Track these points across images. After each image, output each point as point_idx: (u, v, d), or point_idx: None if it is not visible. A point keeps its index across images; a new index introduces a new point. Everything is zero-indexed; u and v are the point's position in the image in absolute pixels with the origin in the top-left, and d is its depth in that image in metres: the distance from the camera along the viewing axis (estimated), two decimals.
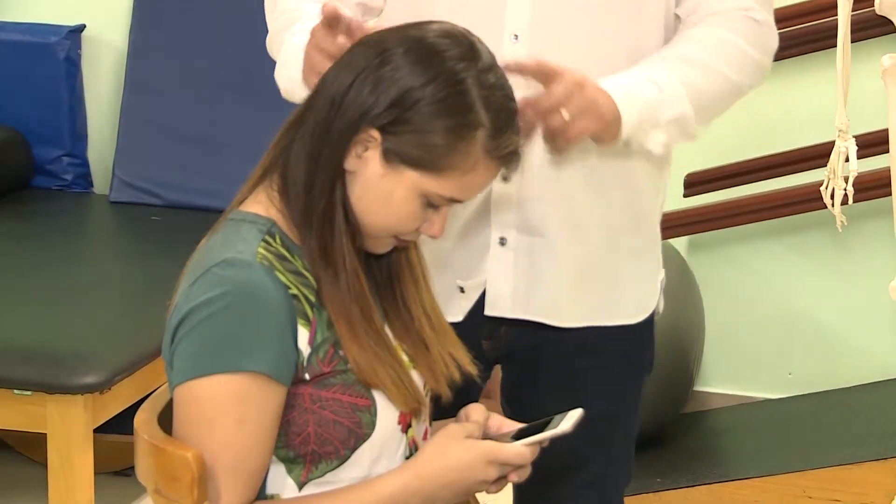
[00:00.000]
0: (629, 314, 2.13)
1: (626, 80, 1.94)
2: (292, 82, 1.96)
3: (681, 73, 1.98)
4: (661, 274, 2.19)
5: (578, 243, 2.05)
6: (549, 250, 2.04)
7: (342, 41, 1.83)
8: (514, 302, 2.06)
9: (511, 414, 1.98)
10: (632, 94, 1.92)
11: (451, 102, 1.72)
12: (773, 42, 2.09)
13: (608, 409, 2.04)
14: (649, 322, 2.16)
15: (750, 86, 2.08)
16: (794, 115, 3.82)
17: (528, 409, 1.99)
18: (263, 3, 2.12)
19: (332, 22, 1.82)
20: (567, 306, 2.07)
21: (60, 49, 4.12)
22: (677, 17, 2.06)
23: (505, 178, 1.98)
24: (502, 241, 2.04)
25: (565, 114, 1.85)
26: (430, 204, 1.77)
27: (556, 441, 1.79)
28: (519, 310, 2.06)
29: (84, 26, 4.19)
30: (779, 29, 3.49)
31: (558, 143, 1.89)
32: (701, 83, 2.00)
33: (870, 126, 3.16)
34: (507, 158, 1.77)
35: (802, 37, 3.45)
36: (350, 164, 1.76)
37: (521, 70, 1.85)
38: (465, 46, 1.75)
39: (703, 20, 2.02)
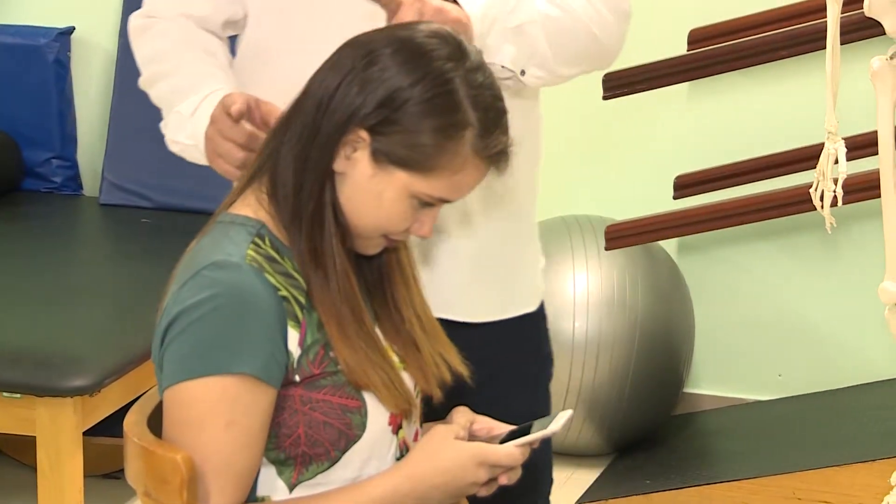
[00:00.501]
0: (526, 302, 2.17)
1: None
2: (187, 149, 2.02)
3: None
4: (543, 261, 2.24)
5: (469, 237, 2.06)
6: (446, 246, 2.06)
7: (250, 129, 1.87)
8: None
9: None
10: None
11: (439, 102, 1.72)
12: (626, 7, 2.10)
13: (525, 409, 2.03)
14: (542, 314, 2.21)
15: (606, 42, 2.07)
16: (783, 117, 3.82)
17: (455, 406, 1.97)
18: None
19: (239, 117, 1.87)
20: (469, 301, 2.09)
21: (50, 51, 4.11)
22: None
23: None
24: None
25: None
26: (420, 204, 1.77)
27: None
28: None
29: (73, 28, 4.19)
30: (768, 31, 3.52)
31: None
32: (556, 15, 1.99)
33: (859, 128, 3.16)
34: (495, 158, 1.77)
35: (792, 39, 3.45)
36: (339, 165, 1.76)
37: None
38: (453, 46, 1.76)
39: None
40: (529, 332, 2.19)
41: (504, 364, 2.11)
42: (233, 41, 2.16)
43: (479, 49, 1.80)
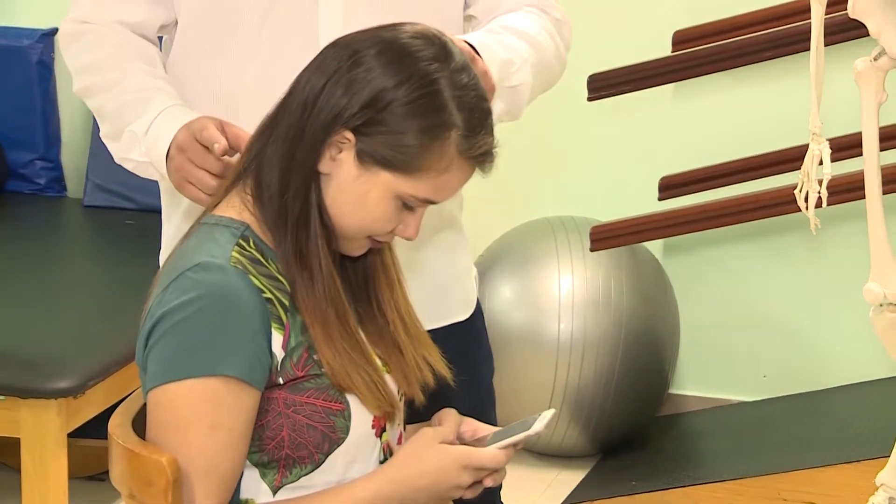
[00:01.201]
0: (458, 311, 2.18)
1: (483, 39, 1.96)
2: (140, 166, 2.01)
3: (519, 45, 2.02)
4: (474, 270, 2.25)
5: (399, 248, 2.06)
6: None
7: (227, 159, 1.87)
8: None
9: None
10: (488, 57, 1.93)
11: (424, 103, 1.72)
12: (570, 38, 2.17)
13: (470, 405, 2.03)
14: (478, 314, 2.22)
15: (558, 76, 2.15)
16: (768, 119, 3.83)
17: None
18: None
19: (223, 153, 1.88)
20: None
21: (33, 52, 4.10)
22: (472, 18, 2.12)
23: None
24: None
25: None
26: (405, 205, 1.77)
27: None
28: None
29: (57, 29, 4.17)
30: (753, 32, 3.52)
31: None
32: (535, 60, 2.05)
33: (843, 129, 3.17)
34: (480, 159, 1.77)
35: (776, 40, 3.46)
36: (324, 166, 1.75)
37: None
38: (438, 47, 1.75)
39: (509, 11, 2.09)
40: (465, 334, 2.19)
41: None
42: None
43: (464, 53, 1.79)
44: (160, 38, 2.13)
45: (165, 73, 2.08)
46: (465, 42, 1.88)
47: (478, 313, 2.23)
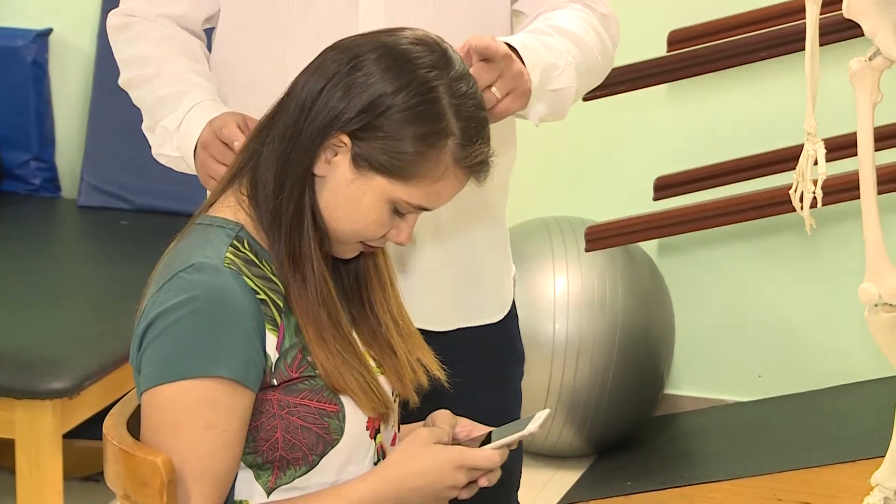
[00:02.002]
0: (493, 311, 2.17)
1: (528, 41, 1.94)
2: (173, 160, 2.03)
3: (565, 46, 2.01)
4: (513, 269, 2.24)
5: (439, 243, 2.06)
6: (418, 254, 2.07)
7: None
8: None
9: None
10: (531, 60, 1.92)
11: (421, 110, 1.72)
12: (617, 34, 2.15)
13: (496, 406, 2.04)
14: (512, 314, 2.22)
15: (604, 74, 2.13)
16: (763, 119, 3.83)
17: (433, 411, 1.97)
18: None
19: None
20: (440, 310, 2.09)
21: (28, 53, 4.10)
22: (520, 13, 2.11)
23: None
24: None
25: (496, 92, 1.85)
26: (398, 211, 1.77)
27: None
28: None
29: (51, 30, 4.17)
30: (748, 32, 3.52)
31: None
32: (581, 59, 2.03)
33: (838, 129, 3.17)
34: (476, 168, 1.77)
35: (771, 40, 3.46)
36: (319, 168, 1.75)
37: (471, 55, 1.83)
38: (438, 54, 1.75)
39: (554, 9, 2.07)
40: (498, 336, 2.18)
41: (471, 367, 2.10)
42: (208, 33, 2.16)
43: (464, 60, 1.79)
44: (209, 31, 2.14)
45: (210, 67, 2.08)
46: (506, 43, 1.87)
47: (512, 314, 2.22)
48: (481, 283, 2.15)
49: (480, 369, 2.01)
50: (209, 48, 2.13)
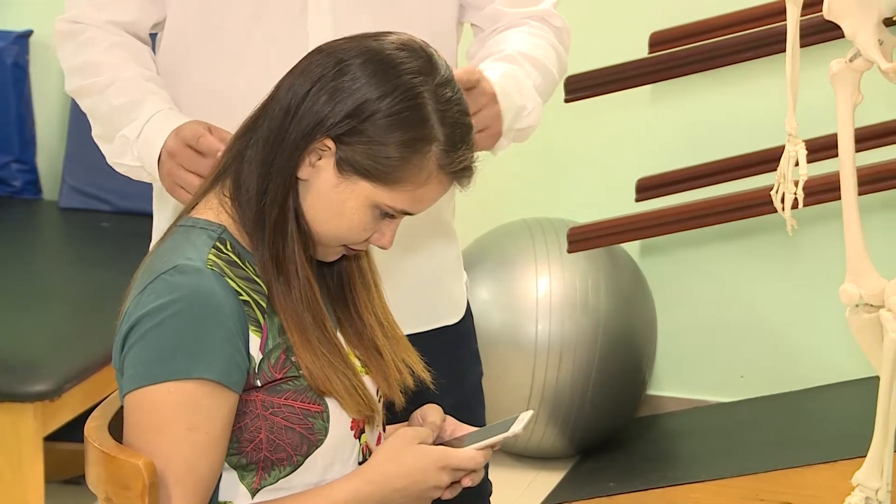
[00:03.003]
0: (447, 315, 2.18)
1: (504, 84, 1.97)
2: (132, 170, 2.03)
3: (533, 79, 2.05)
4: (465, 276, 2.25)
5: (389, 253, 2.06)
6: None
7: (211, 161, 1.88)
8: None
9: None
10: (504, 103, 1.96)
11: (406, 116, 1.72)
12: (569, 43, 2.19)
13: (454, 402, 2.04)
14: (468, 319, 2.23)
15: (556, 87, 2.17)
16: (744, 120, 3.84)
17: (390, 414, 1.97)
18: None
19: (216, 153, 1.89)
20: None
21: (8, 54, 4.09)
22: (473, 26, 2.14)
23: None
24: None
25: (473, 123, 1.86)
26: (382, 215, 1.77)
27: None
28: None
29: (31, 32, 4.16)
30: (729, 34, 3.53)
31: None
32: (543, 89, 2.08)
33: (819, 130, 3.18)
34: (460, 174, 1.77)
35: (752, 42, 3.46)
36: (303, 172, 1.75)
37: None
38: (423, 59, 1.75)
39: (512, 25, 2.10)
40: (451, 338, 2.19)
41: (428, 365, 2.10)
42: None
43: (449, 65, 1.80)
44: (153, 36, 2.13)
45: (157, 72, 2.08)
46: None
47: (467, 316, 2.23)
48: (434, 289, 2.17)
49: (436, 367, 2.01)
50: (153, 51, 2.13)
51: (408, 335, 2.05)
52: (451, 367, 2.16)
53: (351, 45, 1.76)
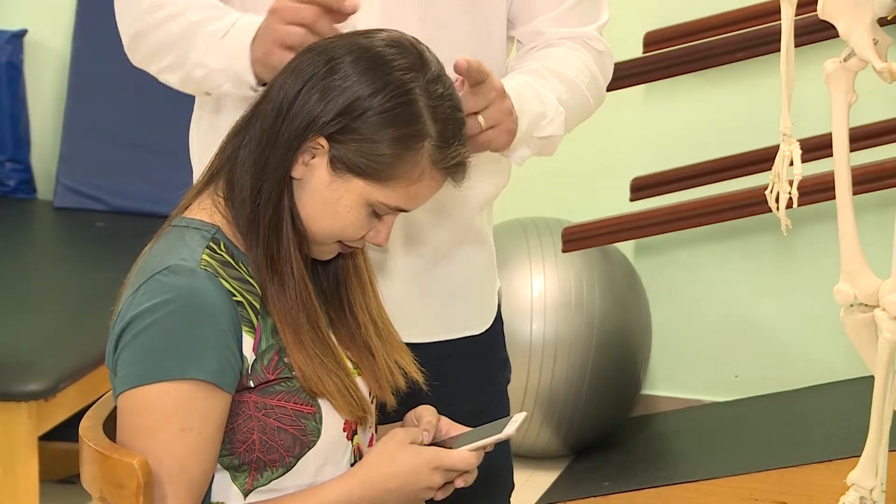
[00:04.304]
0: (477, 324, 2.16)
1: (522, 90, 1.95)
2: (212, 73, 1.91)
3: (558, 92, 2.01)
4: (498, 283, 2.23)
5: (413, 256, 2.05)
6: (392, 264, 2.06)
7: (317, 9, 1.80)
8: None
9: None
10: (522, 108, 1.93)
11: (398, 113, 1.72)
12: (611, 71, 2.17)
13: (478, 407, 2.03)
14: (498, 325, 2.21)
15: (595, 110, 2.14)
16: (738, 120, 3.84)
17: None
18: None
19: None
20: (413, 321, 2.06)
21: (2, 54, 4.08)
22: (516, 41, 2.11)
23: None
24: None
25: (481, 120, 1.85)
26: (377, 212, 1.77)
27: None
28: None
29: (26, 31, 4.16)
30: (724, 33, 3.53)
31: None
32: (572, 104, 2.04)
33: (814, 130, 3.18)
34: (453, 169, 1.77)
35: (746, 41, 3.47)
36: (297, 171, 1.75)
37: (463, 71, 1.83)
38: (414, 56, 1.75)
39: (551, 45, 2.07)
40: (481, 345, 2.18)
41: (452, 367, 2.09)
42: None
43: (440, 62, 1.79)
44: None
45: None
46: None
47: (497, 322, 2.21)
48: (464, 299, 2.14)
49: (461, 371, 2.00)
50: None
51: (438, 342, 2.05)
52: (479, 372, 2.15)
53: (341, 43, 1.76)
